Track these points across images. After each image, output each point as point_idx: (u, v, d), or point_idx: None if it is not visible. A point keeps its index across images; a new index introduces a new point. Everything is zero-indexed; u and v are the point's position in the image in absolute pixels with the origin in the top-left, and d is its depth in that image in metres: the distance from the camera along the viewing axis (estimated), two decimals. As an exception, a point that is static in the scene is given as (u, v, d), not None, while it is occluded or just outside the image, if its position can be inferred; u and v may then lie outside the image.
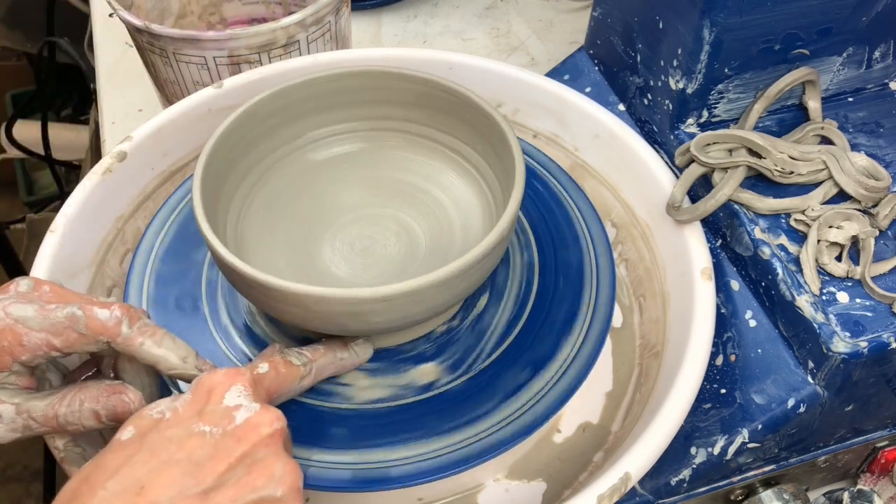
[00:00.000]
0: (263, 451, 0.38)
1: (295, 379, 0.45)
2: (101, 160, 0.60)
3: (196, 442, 0.37)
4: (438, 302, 0.46)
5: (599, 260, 0.55)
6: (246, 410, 0.39)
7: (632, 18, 0.61)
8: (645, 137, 0.62)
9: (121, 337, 0.41)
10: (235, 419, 0.39)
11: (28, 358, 0.41)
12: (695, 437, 0.52)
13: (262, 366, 0.43)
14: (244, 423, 0.39)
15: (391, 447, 0.47)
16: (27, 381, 0.43)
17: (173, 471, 0.36)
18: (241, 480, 0.37)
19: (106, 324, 0.41)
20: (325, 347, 0.48)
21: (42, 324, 0.41)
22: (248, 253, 0.53)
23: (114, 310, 0.41)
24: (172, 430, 0.38)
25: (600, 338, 0.51)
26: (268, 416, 0.39)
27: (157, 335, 0.42)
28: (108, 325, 0.41)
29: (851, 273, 0.50)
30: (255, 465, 0.38)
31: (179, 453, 0.37)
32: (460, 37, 0.94)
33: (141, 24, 0.66)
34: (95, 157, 1.24)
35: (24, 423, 0.42)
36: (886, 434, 0.58)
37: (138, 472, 0.36)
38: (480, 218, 0.55)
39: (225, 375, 0.40)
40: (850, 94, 0.60)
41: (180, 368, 0.42)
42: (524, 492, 0.54)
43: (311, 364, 0.46)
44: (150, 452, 0.37)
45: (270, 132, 0.55)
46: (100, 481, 0.36)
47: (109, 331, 0.41)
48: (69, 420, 0.42)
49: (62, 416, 0.42)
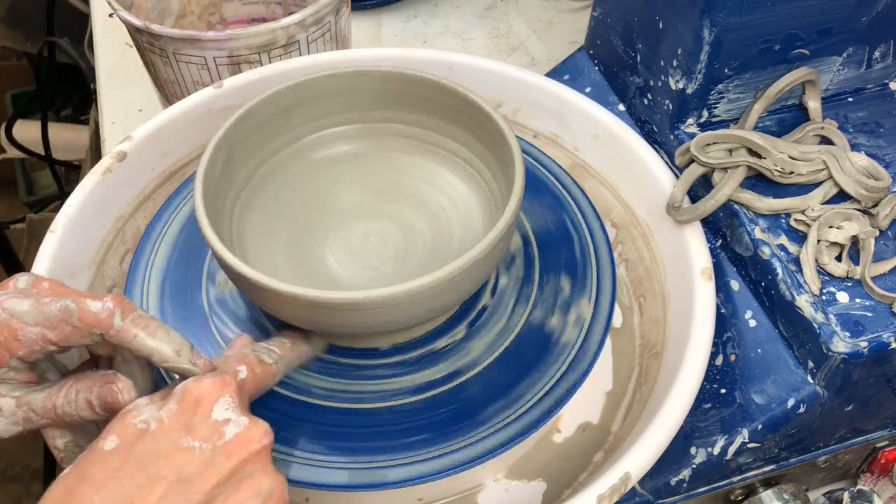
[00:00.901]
0: (252, 467, 0.38)
1: (270, 378, 0.45)
2: (101, 160, 0.60)
3: (185, 458, 0.37)
4: (439, 302, 0.46)
5: (600, 260, 0.55)
6: (235, 425, 0.39)
7: (632, 18, 0.61)
8: (645, 137, 0.62)
9: (113, 329, 0.41)
10: (225, 435, 0.38)
11: (25, 353, 0.41)
12: (695, 437, 0.52)
13: (241, 369, 0.43)
14: (234, 438, 0.38)
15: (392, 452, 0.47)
16: (27, 376, 0.43)
17: (162, 487, 0.36)
18: (230, 498, 0.37)
19: (98, 316, 0.41)
20: (290, 341, 0.48)
21: (37, 318, 0.41)
22: (249, 253, 0.53)
23: (106, 302, 0.41)
24: (160, 443, 0.38)
25: (600, 338, 0.51)
26: (257, 431, 0.39)
27: (150, 327, 0.42)
28: (100, 317, 0.41)
29: (851, 273, 0.50)
30: (243, 482, 0.38)
31: (168, 469, 0.37)
32: (460, 37, 0.94)
33: (141, 24, 0.66)
34: (95, 157, 1.24)
35: (24, 415, 0.42)
36: (886, 434, 0.58)
37: (126, 488, 0.36)
38: (480, 218, 0.55)
39: (212, 385, 0.40)
40: (850, 94, 0.60)
41: (174, 361, 0.42)
42: (524, 492, 0.54)
43: (281, 361, 0.46)
44: (138, 467, 0.37)
45: (271, 132, 0.55)
46: (87, 495, 0.36)
47: (102, 323, 0.41)
48: (66, 411, 0.42)
49: (60, 407, 0.42)
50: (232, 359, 0.44)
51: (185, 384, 0.40)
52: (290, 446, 0.47)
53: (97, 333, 0.41)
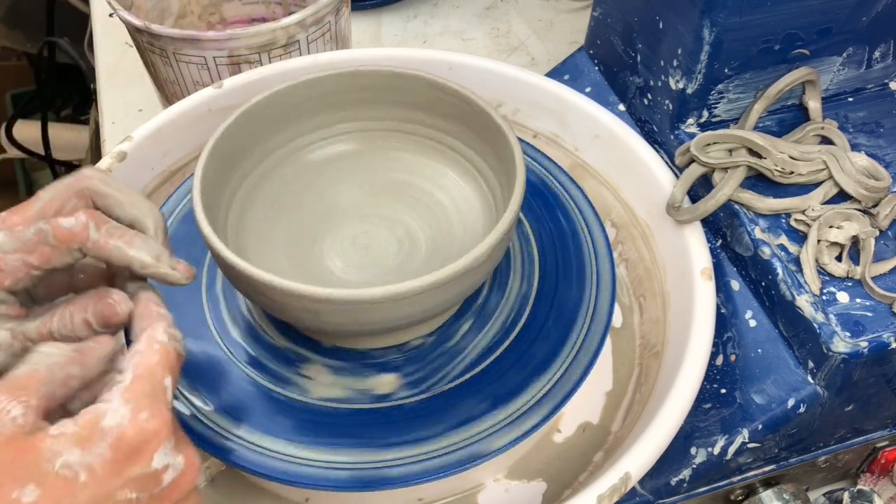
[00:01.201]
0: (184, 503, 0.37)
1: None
2: (101, 160, 0.60)
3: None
4: (439, 301, 0.46)
5: (599, 260, 0.55)
6: (173, 470, 0.36)
7: (632, 18, 0.61)
8: (645, 137, 0.62)
9: (90, 241, 0.40)
10: (163, 482, 0.36)
11: (11, 283, 0.40)
12: (695, 437, 0.52)
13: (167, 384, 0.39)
14: (171, 483, 0.36)
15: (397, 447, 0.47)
16: (17, 310, 0.42)
17: None
18: None
19: (73, 230, 0.40)
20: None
21: (14, 245, 0.40)
22: (248, 252, 0.53)
23: (78, 216, 0.40)
24: (92, 497, 0.33)
25: (600, 338, 0.51)
26: (191, 473, 0.37)
27: (126, 236, 0.41)
28: (74, 230, 0.40)
29: (851, 273, 0.50)
30: None
31: None
32: (460, 37, 0.94)
33: (141, 24, 0.66)
34: (95, 157, 1.24)
35: (21, 346, 0.41)
36: (886, 434, 0.58)
37: None
38: (481, 218, 0.55)
39: (155, 435, 0.35)
40: (850, 94, 0.60)
41: (153, 268, 0.41)
42: (524, 492, 0.54)
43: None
44: None
45: (270, 132, 0.55)
46: None
47: (78, 236, 0.40)
48: (63, 334, 0.41)
49: (56, 331, 0.41)
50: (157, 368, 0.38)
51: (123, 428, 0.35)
52: (290, 446, 0.47)
53: (76, 248, 0.40)
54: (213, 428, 0.47)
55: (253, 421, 0.48)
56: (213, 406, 0.48)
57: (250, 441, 0.47)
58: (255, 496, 0.54)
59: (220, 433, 0.47)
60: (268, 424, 0.48)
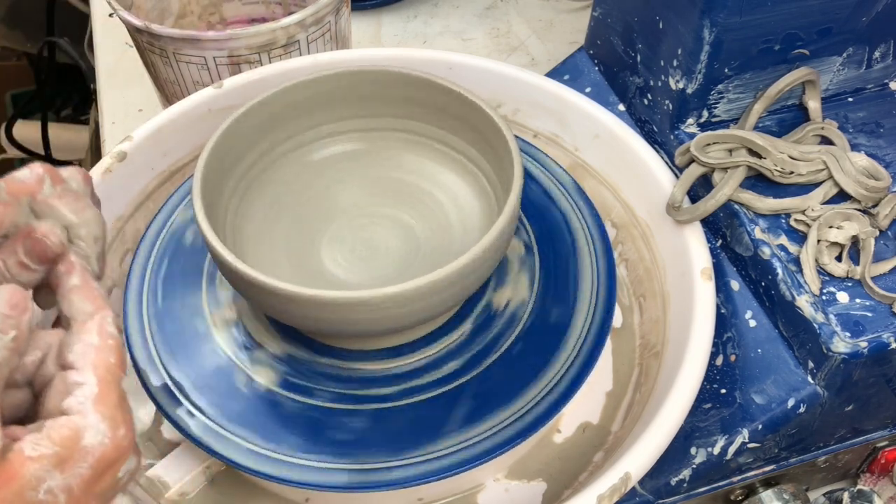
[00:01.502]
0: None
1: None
2: (101, 160, 0.60)
3: None
4: (440, 301, 0.46)
5: (599, 260, 0.55)
6: (127, 472, 0.35)
7: (632, 18, 0.61)
8: (645, 137, 0.62)
9: (41, 194, 0.38)
10: (118, 484, 0.35)
11: None
12: (695, 437, 0.52)
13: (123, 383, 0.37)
14: (125, 476, 0.35)
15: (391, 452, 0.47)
16: None
17: None
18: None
19: (26, 181, 0.38)
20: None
21: None
22: (247, 253, 0.53)
23: (34, 168, 0.39)
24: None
25: (600, 338, 0.51)
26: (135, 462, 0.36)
27: (80, 202, 0.39)
28: (28, 182, 0.38)
29: (851, 273, 0.50)
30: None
31: None
32: (460, 37, 0.94)
33: (141, 24, 0.66)
34: (95, 157, 1.24)
35: None
36: (886, 434, 0.58)
37: None
38: (480, 217, 0.55)
39: (128, 449, 0.35)
40: (850, 94, 0.60)
41: (88, 250, 0.39)
42: (524, 492, 0.54)
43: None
44: None
45: (270, 132, 0.55)
46: None
47: (30, 188, 0.38)
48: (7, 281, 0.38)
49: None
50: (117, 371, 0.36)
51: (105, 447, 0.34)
52: (290, 447, 0.47)
53: (26, 203, 0.38)
54: (213, 429, 0.47)
55: (253, 422, 0.48)
56: (213, 407, 0.48)
57: (251, 442, 0.47)
58: (255, 496, 0.54)
59: (220, 434, 0.47)
60: (268, 425, 0.48)
